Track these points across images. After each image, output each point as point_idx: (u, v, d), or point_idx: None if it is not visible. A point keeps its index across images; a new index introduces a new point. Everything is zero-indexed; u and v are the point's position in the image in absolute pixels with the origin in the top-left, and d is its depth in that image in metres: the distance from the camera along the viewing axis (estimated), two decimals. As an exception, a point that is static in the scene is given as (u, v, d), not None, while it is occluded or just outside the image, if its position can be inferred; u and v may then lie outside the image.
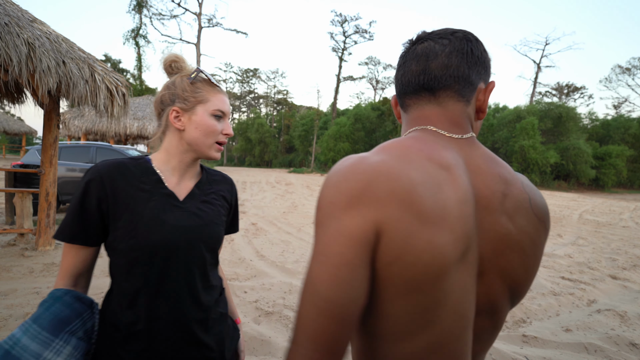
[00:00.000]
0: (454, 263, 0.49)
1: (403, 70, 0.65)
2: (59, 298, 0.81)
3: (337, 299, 0.46)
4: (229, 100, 1.00)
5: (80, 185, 0.85)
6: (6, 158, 25.32)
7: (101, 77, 4.15)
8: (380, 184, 0.48)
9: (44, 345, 0.74)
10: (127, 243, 0.84)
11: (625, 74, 39.02)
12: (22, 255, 4.08)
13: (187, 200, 0.93)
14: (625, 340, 2.80)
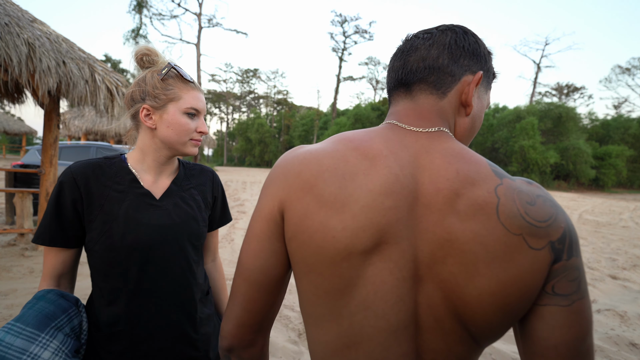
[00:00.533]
0: (358, 252, 0.48)
1: (388, 69, 0.65)
2: (42, 297, 0.80)
3: (249, 266, 0.55)
4: (204, 96, 0.97)
5: (54, 189, 0.84)
6: (6, 158, 25.31)
7: (101, 77, 4.15)
8: (293, 167, 0.54)
9: (29, 340, 0.73)
10: (103, 244, 0.83)
11: (625, 74, 39.05)
12: (22, 255, 4.08)
13: (164, 198, 0.91)
14: (625, 340, 2.80)
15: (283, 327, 2.73)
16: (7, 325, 0.74)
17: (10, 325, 0.74)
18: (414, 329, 0.49)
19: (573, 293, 0.48)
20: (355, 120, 31.02)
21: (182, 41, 32.57)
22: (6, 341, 0.71)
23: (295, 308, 3.08)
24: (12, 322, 0.75)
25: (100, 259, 0.84)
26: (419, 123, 0.57)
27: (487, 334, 0.49)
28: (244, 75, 53.85)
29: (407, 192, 0.49)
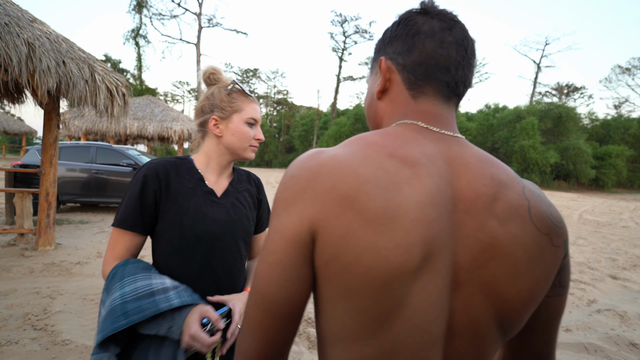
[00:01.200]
0: (409, 271, 0.44)
1: (441, 46, 0.55)
2: (125, 262, 0.92)
3: (271, 296, 0.47)
4: (260, 108, 1.11)
5: (137, 179, 0.96)
6: (6, 158, 25.32)
7: (101, 77, 4.15)
8: (323, 179, 0.46)
9: (147, 279, 0.86)
10: (174, 232, 0.95)
11: (625, 74, 39.05)
12: (22, 255, 4.08)
13: (223, 197, 1.05)
14: (625, 340, 2.80)
15: (283, 327, 2.73)
16: (118, 285, 0.85)
17: (120, 283, 0.85)
18: (447, 336, 0.49)
19: (568, 284, 0.56)
20: (355, 120, 31.03)
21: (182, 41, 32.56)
22: (128, 290, 0.83)
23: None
24: (117, 283, 0.86)
25: (169, 247, 0.96)
26: (446, 127, 0.55)
27: (515, 331, 0.52)
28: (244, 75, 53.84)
29: (447, 200, 0.48)
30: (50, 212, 4.39)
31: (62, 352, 2.22)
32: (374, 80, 0.62)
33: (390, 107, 0.59)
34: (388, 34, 0.60)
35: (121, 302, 0.81)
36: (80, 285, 3.33)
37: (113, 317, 0.80)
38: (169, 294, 0.84)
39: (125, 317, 0.79)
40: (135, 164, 7.18)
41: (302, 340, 2.56)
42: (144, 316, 0.79)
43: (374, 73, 0.63)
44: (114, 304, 0.81)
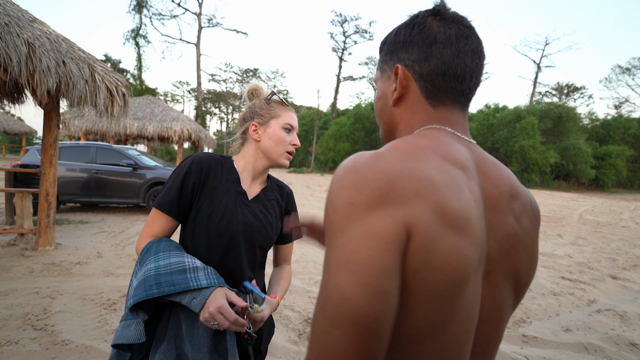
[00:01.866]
0: (474, 267, 0.47)
1: (457, 56, 0.56)
2: (160, 240, 0.99)
3: (376, 313, 0.39)
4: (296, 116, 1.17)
5: (182, 167, 1.03)
6: (6, 158, 25.31)
7: (101, 77, 4.15)
8: (404, 183, 0.44)
9: (180, 256, 0.92)
10: (202, 225, 1.01)
11: (625, 74, 39.05)
12: (22, 255, 4.08)
13: (253, 201, 1.09)
14: (625, 340, 2.80)
15: (283, 327, 2.73)
16: (153, 257, 0.91)
17: (154, 257, 0.91)
18: (478, 323, 0.53)
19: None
20: (355, 120, 31.01)
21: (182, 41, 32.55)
22: (162, 264, 0.89)
23: (295, 308, 3.08)
24: (152, 256, 0.92)
25: (194, 237, 1.02)
26: (464, 134, 0.59)
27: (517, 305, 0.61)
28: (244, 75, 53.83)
29: (481, 198, 0.53)
30: (50, 212, 4.39)
31: (62, 352, 2.22)
32: (386, 84, 0.62)
33: (407, 114, 0.60)
34: (401, 38, 0.59)
35: (155, 273, 0.87)
36: (80, 285, 3.33)
37: (146, 285, 0.86)
38: (199, 274, 0.90)
39: (158, 287, 0.85)
40: (135, 164, 7.17)
41: (302, 340, 2.56)
42: (174, 290, 0.85)
43: (385, 77, 0.63)
44: (148, 274, 0.87)
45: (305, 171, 28.04)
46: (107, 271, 3.74)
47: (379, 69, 0.65)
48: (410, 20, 0.60)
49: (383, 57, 0.64)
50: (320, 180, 21.11)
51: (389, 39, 0.63)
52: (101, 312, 2.80)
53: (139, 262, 0.95)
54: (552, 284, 4.17)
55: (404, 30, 0.60)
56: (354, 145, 30.35)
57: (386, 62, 0.63)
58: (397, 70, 0.59)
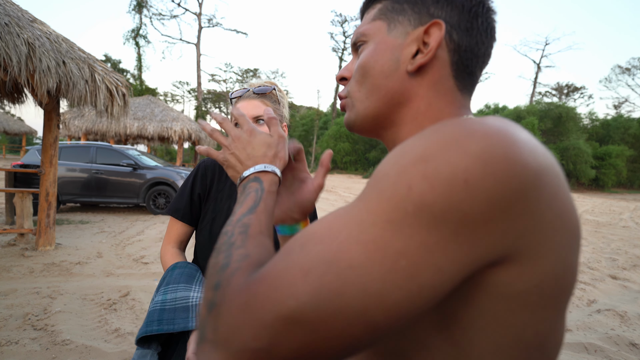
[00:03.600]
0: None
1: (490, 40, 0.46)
2: (174, 266, 1.00)
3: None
4: (253, 102, 1.03)
5: (190, 175, 1.06)
6: (6, 158, 25.31)
7: (101, 77, 4.15)
8: (543, 191, 0.30)
9: (187, 290, 0.92)
10: (207, 229, 1.04)
11: (625, 74, 39.06)
12: (22, 255, 4.08)
13: None
14: (625, 340, 2.80)
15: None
16: (161, 290, 0.92)
17: (164, 289, 0.92)
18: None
19: None
20: (355, 120, 30.94)
21: (182, 41, 32.58)
22: (169, 298, 0.90)
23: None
24: (162, 286, 0.93)
25: (203, 241, 1.06)
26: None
27: None
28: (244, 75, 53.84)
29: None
30: (50, 212, 4.39)
31: (62, 352, 2.22)
32: (398, 41, 0.45)
33: (428, 90, 0.45)
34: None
35: (160, 308, 0.89)
36: (80, 285, 3.33)
37: (148, 320, 0.87)
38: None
39: (159, 324, 0.86)
40: (135, 164, 7.17)
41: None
42: (173, 329, 0.85)
43: (399, 30, 0.46)
44: (154, 308, 0.89)
45: (305, 171, 27.98)
46: (107, 271, 3.74)
47: (383, 19, 0.47)
48: None
49: (396, 4, 0.47)
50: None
51: None
52: (101, 312, 2.80)
53: (156, 290, 0.98)
54: (552, 284, 4.17)
55: None
56: (354, 145, 30.35)
57: (403, 12, 0.46)
58: (433, 28, 0.43)
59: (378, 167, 0.34)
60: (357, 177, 26.19)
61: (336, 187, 16.30)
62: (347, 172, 29.44)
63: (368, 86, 0.47)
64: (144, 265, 3.98)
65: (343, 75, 0.52)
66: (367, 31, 0.48)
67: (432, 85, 0.45)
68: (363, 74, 0.47)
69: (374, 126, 0.49)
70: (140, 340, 0.87)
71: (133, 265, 3.98)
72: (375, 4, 0.49)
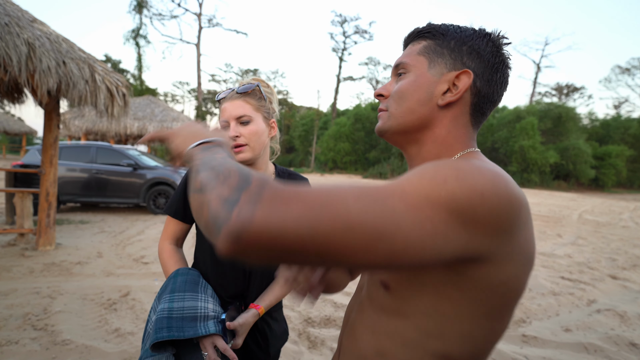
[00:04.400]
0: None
1: (503, 91, 0.60)
2: (176, 273, 1.01)
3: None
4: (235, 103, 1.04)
5: (186, 174, 1.06)
6: (6, 158, 25.30)
7: (101, 77, 4.15)
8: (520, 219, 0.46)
9: (194, 300, 0.93)
10: (201, 232, 1.05)
11: (625, 74, 39.04)
12: (22, 255, 4.08)
13: None
14: (625, 340, 2.80)
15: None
16: (166, 297, 0.93)
17: (169, 297, 0.93)
18: None
19: None
20: (355, 120, 30.99)
21: (182, 41, 32.57)
22: (176, 307, 0.90)
23: (295, 308, 3.08)
24: (167, 295, 0.94)
25: (199, 241, 1.09)
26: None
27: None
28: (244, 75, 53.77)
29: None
30: (51, 212, 4.39)
31: (62, 352, 2.22)
32: (434, 78, 0.58)
33: (450, 121, 0.58)
34: (473, 45, 0.57)
35: (168, 316, 0.89)
36: (80, 285, 3.33)
37: (157, 327, 0.88)
38: (209, 323, 0.92)
39: (169, 330, 0.87)
40: (136, 164, 7.17)
41: (302, 340, 2.56)
42: (183, 336, 0.87)
43: (436, 70, 0.58)
44: (161, 315, 0.90)
45: (305, 171, 28.01)
46: (107, 271, 3.74)
47: (425, 56, 0.59)
48: (481, 33, 0.58)
49: (438, 48, 0.59)
50: (320, 180, 21.11)
51: (454, 35, 0.58)
52: (101, 312, 2.80)
53: (157, 297, 0.99)
54: (551, 283, 4.17)
55: (477, 39, 0.58)
56: (354, 146, 30.35)
57: (442, 56, 0.58)
58: (464, 75, 0.56)
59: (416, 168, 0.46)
60: (357, 177, 26.19)
61: (336, 187, 16.26)
62: (347, 172, 29.45)
63: (405, 108, 0.59)
64: (144, 265, 3.98)
65: (381, 93, 0.64)
66: (412, 62, 0.60)
67: (453, 118, 0.58)
68: (403, 97, 0.59)
69: (401, 138, 0.62)
70: (154, 346, 0.88)
71: (133, 265, 3.98)
72: (420, 39, 0.61)
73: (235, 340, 0.97)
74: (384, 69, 48.00)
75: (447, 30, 0.59)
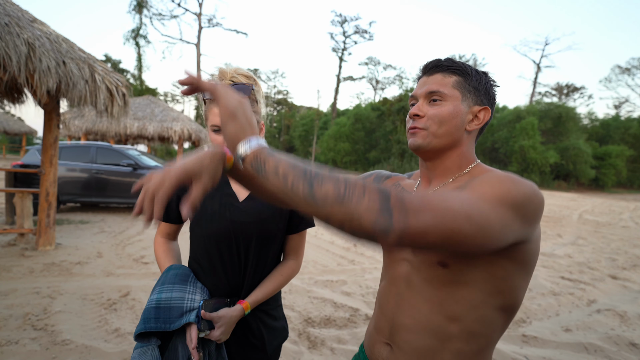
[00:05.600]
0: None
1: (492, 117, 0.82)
2: (169, 268, 1.04)
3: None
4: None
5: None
6: (6, 158, 25.30)
7: (101, 77, 4.15)
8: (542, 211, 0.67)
9: (182, 291, 0.96)
10: (194, 230, 1.08)
11: (625, 74, 39.04)
12: (22, 255, 4.08)
13: (246, 201, 1.08)
14: (625, 340, 2.80)
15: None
16: (156, 289, 0.96)
17: (159, 288, 0.96)
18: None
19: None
20: (356, 120, 31.00)
21: (182, 41, 32.55)
22: (164, 297, 0.93)
23: (295, 308, 3.08)
24: (158, 286, 0.97)
25: (195, 241, 1.10)
26: None
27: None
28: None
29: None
30: (51, 212, 4.39)
31: (62, 352, 2.22)
32: (463, 109, 0.76)
33: (469, 142, 0.79)
34: (487, 87, 0.79)
35: (155, 306, 0.92)
36: (80, 285, 3.33)
37: (145, 317, 0.90)
38: (192, 313, 0.93)
39: (156, 321, 0.90)
40: (135, 164, 7.17)
41: (302, 340, 2.56)
42: (169, 328, 0.90)
43: (466, 103, 0.76)
44: (149, 306, 0.92)
45: (305, 171, 27.98)
46: (107, 271, 3.74)
47: (459, 91, 0.76)
48: (491, 80, 0.80)
49: (467, 85, 0.76)
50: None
51: (476, 77, 0.78)
52: (101, 312, 2.80)
53: (153, 288, 1.01)
54: (551, 283, 4.17)
55: (490, 84, 0.80)
56: (354, 146, 30.35)
57: (470, 92, 0.76)
58: (485, 111, 0.77)
59: (477, 181, 0.66)
60: (357, 177, 26.16)
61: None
62: (347, 172, 29.46)
63: (444, 130, 0.75)
64: (144, 265, 3.98)
65: (417, 113, 0.77)
66: (449, 93, 0.76)
67: (470, 139, 0.80)
68: (444, 122, 0.75)
69: (435, 154, 0.78)
70: (139, 335, 0.90)
71: (133, 265, 3.98)
72: (450, 73, 0.77)
73: (213, 332, 0.95)
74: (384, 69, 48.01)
75: (470, 70, 0.78)
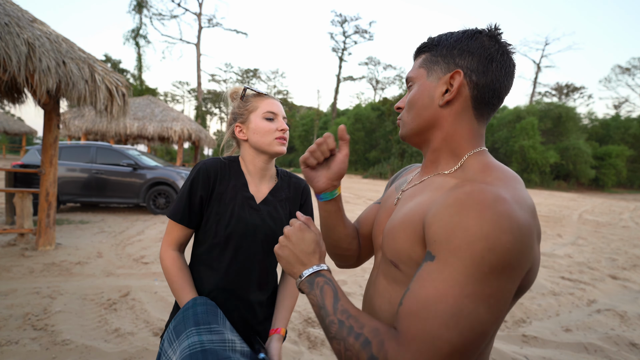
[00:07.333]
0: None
1: (506, 77, 0.64)
2: (195, 304, 0.98)
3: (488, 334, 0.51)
4: (279, 102, 1.15)
5: (190, 177, 1.06)
6: (6, 158, 25.30)
7: (101, 77, 4.15)
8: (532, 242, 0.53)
9: (220, 334, 0.92)
10: (211, 229, 1.06)
11: (625, 74, 39.05)
12: (22, 255, 4.08)
13: (262, 204, 1.11)
14: (625, 340, 2.80)
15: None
16: (192, 330, 0.90)
17: (196, 330, 0.91)
18: None
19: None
20: (356, 120, 31.01)
21: (182, 41, 32.54)
22: (206, 340, 0.89)
23: (295, 308, 3.08)
24: (193, 327, 0.91)
25: (207, 239, 1.07)
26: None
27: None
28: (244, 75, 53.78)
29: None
30: (51, 212, 4.39)
31: (62, 352, 2.22)
32: (433, 84, 0.66)
33: (453, 118, 0.65)
34: (462, 46, 0.64)
35: (201, 349, 0.86)
36: (80, 285, 3.33)
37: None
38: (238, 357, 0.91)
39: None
40: (135, 164, 7.17)
41: (302, 340, 2.56)
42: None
43: (433, 77, 0.66)
44: (193, 350, 0.85)
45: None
46: (107, 271, 3.74)
47: (424, 67, 0.68)
48: (470, 33, 0.65)
49: (433, 57, 0.67)
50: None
51: (445, 43, 0.66)
52: (101, 312, 2.80)
53: (174, 331, 0.94)
54: (552, 284, 4.17)
55: (465, 40, 0.64)
56: (354, 146, 30.35)
57: (437, 63, 0.66)
58: (456, 75, 0.63)
59: (443, 232, 0.52)
60: (357, 177, 26.19)
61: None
62: (347, 172, 29.46)
63: (413, 114, 0.69)
64: (144, 265, 3.98)
65: (399, 106, 0.74)
66: (414, 75, 0.70)
67: (456, 114, 0.65)
68: (410, 106, 0.69)
69: (416, 141, 0.71)
70: None
71: (133, 265, 3.98)
72: (421, 54, 0.71)
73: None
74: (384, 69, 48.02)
75: (439, 39, 0.68)
